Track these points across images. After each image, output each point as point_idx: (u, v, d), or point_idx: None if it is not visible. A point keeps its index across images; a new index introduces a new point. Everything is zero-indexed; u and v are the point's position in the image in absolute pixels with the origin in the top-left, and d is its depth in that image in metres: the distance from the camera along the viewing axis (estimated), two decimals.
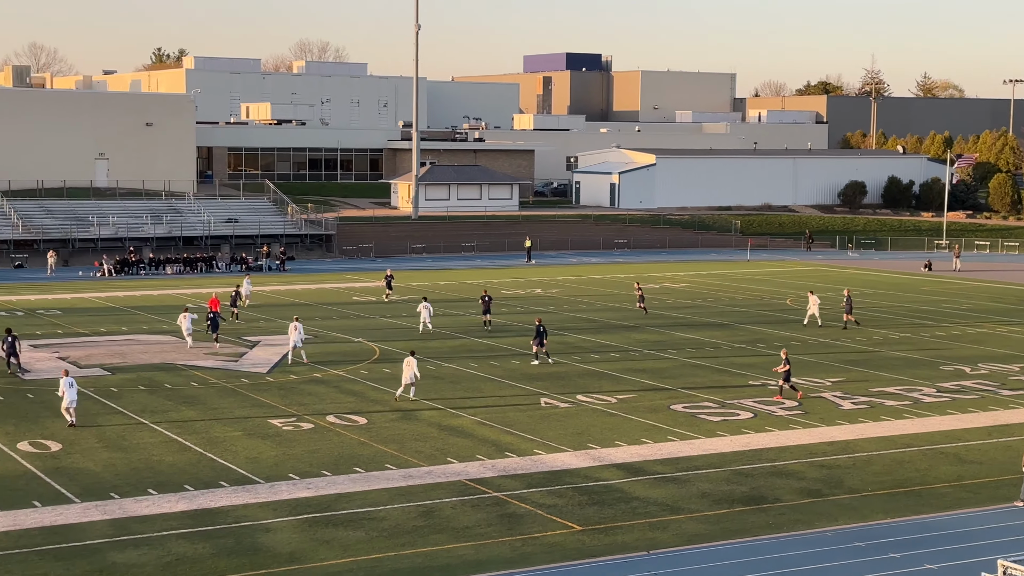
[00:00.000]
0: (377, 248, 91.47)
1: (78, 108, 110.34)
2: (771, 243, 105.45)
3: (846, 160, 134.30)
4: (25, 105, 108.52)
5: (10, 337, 42.99)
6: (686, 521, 27.27)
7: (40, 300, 63.34)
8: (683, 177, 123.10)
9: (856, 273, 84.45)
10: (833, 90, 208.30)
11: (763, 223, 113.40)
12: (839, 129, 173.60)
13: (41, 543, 25.02)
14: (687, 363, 47.13)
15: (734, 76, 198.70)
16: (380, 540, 25.65)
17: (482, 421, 36.61)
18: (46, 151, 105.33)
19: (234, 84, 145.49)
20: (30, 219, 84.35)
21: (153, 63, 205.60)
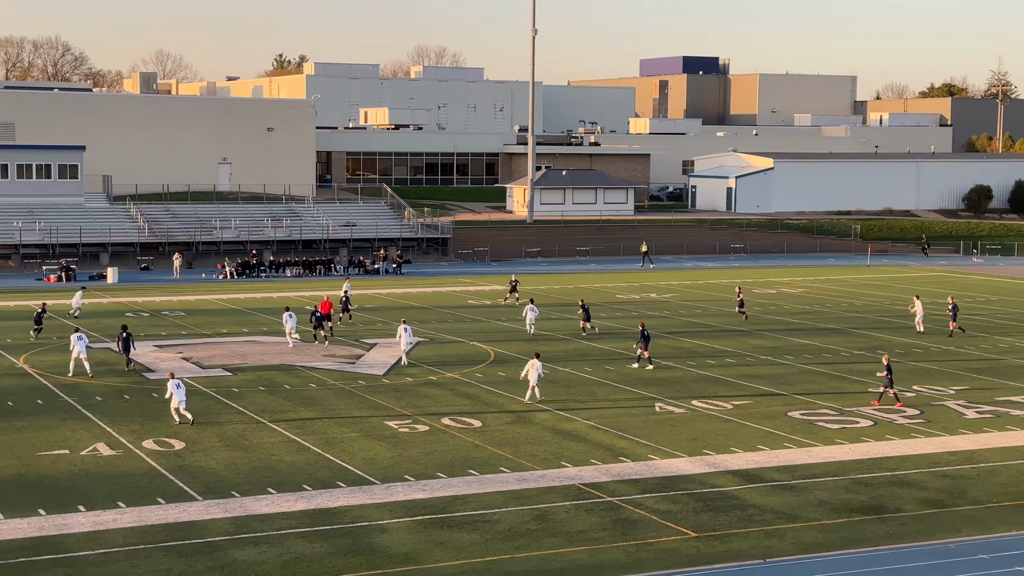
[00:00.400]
0: (492, 252, 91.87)
1: (202, 114, 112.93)
2: (892, 248, 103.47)
3: (971, 163, 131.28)
4: (152, 111, 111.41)
5: (124, 333, 44.40)
6: (803, 529, 26.89)
7: (165, 302, 64.89)
8: (802, 181, 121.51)
9: (981, 279, 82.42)
10: (958, 92, 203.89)
11: (884, 228, 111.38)
12: (964, 132, 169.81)
13: (165, 539, 25.61)
14: (804, 369, 46.48)
15: (855, 78, 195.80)
16: (494, 543, 25.75)
17: (596, 425, 36.54)
18: (171, 156, 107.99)
19: (353, 89, 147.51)
20: (156, 222, 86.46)
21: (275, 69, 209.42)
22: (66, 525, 26.34)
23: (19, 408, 37.92)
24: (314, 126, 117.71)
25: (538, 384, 39.85)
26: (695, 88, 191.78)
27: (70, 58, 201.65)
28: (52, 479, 29.96)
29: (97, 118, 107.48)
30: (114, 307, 62.49)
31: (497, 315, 60.76)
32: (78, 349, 42.90)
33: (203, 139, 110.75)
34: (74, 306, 58.08)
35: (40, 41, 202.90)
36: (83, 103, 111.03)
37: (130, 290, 69.60)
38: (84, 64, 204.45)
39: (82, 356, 42.92)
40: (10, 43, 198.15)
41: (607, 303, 66.07)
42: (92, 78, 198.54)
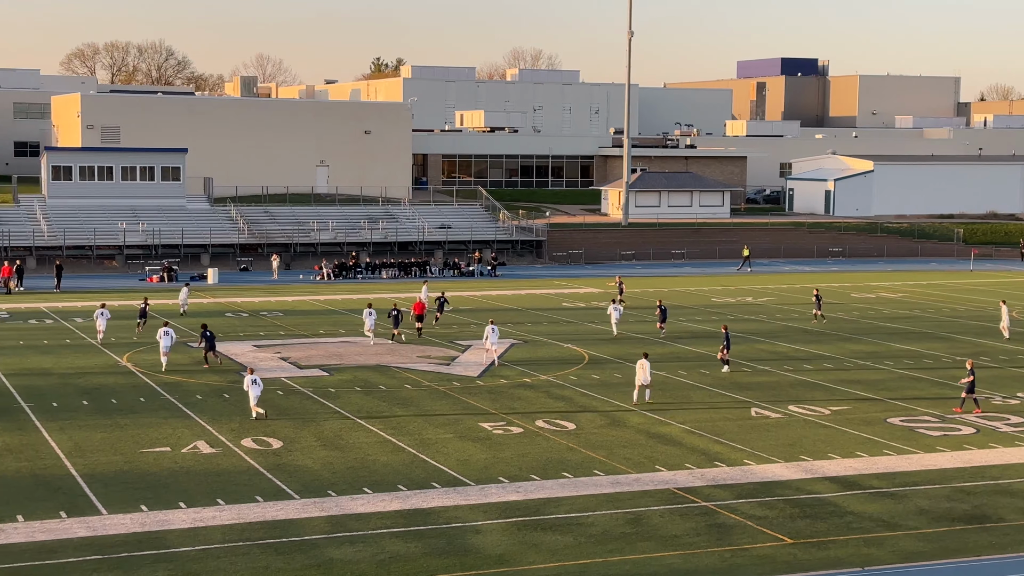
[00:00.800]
0: (587, 255, 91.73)
1: (301, 117, 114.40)
2: (996, 253, 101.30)
3: None
4: (252, 114, 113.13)
5: (208, 332, 45.79)
6: (903, 538, 26.44)
7: (263, 302, 65.81)
8: (902, 184, 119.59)
9: None
10: None
11: (988, 232, 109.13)
12: None
13: (263, 537, 25.96)
14: (904, 375, 45.71)
15: (958, 80, 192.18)
16: (588, 546, 25.70)
17: (691, 429, 36.30)
18: (271, 158, 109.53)
19: (449, 92, 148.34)
20: (255, 224, 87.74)
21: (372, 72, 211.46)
22: (167, 521, 26.84)
23: (122, 406, 38.73)
24: (410, 129, 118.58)
25: (647, 385, 39.77)
26: (793, 90, 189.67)
27: (173, 62, 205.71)
28: (154, 476, 30.56)
29: (199, 121, 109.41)
30: (214, 307, 63.53)
31: (591, 318, 60.63)
32: (163, 344, 44.69)
33: (302, 142, 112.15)
34: (181, 303, 59.46)
35: (144, 46, 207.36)
36: (185, 107, 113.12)
37: (229, 291, 70.73)
38: (187, 68, 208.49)
39: (162, 351, 44.63)
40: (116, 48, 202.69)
41: (702, 306, 65.60)
42: (194, 82, 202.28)
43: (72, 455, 32.36)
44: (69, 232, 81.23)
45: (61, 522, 26.65)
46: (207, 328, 46.43)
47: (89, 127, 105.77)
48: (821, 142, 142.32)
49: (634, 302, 66.94)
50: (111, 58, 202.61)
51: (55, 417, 36.84)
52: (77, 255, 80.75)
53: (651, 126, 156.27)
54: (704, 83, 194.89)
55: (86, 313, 59.97)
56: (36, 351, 48.95)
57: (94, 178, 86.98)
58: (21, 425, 35.80)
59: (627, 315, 58.01)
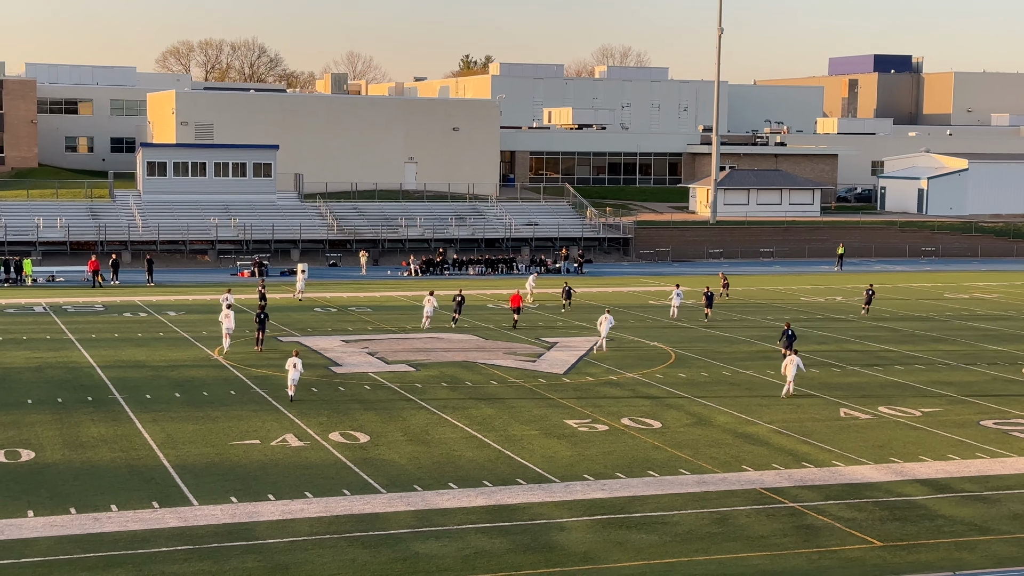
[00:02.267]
0: (674, 252, 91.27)
1: (390, 114, 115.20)
2: None
3: None
4: (342, 111, 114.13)
5: (262, 314, 48.74)
6: (995, 542, 25.96)
7: (351, 297, 66.41)
8: (998, 183, 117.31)
9: None
10: None
11: None
12: None
13: (350, 530, 26.21)
14: (998, 377, 44.84)
15: None
16: (673, 545, 25.58)
17: (778, 430, 35.96)
18: (360, 155, 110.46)
19: (537, 89, 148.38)
20: (344, 220, 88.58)
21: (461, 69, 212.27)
22: (256, 513, 27.22)
23: (213, 398, 39.34)
24: (498, 126, 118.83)
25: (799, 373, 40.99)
26: (886, 87, 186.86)
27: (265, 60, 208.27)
28: (243, 468, 31.00)
29: (290, 118, 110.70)
30: (306, 302, 64.20)
31: (678, 316, 60.26)
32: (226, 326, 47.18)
33: (390, 138, 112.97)
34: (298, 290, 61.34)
35: (238, 43, 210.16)
36: (277, 103, 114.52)
37: (319, 286, 71.44)
38: (279, 66, 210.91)
39: (226, 331, 47.12)
40: (210, 45, 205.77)
41: (790, 304, 64.91)
42: (286, 79, 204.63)
43: (164, 446, 32.96)
44: (163, 227, 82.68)
45: (153, 512, 27.16)
46: (264, 309, 49.61)
47: (183, 124, 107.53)
48: (914, 140, 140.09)
49: (720, 302, 66.46)
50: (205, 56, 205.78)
51: (148, 409, 37.54)
52: (170, 249, 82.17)
53: (740, 123, 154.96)
54: (795, 80, 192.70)
55: (179, 307, 61.03)
56: (130, 344, 49.91)
57: (188, 174, 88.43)
58: (115, 416, 36.53)
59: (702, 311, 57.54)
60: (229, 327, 47.20)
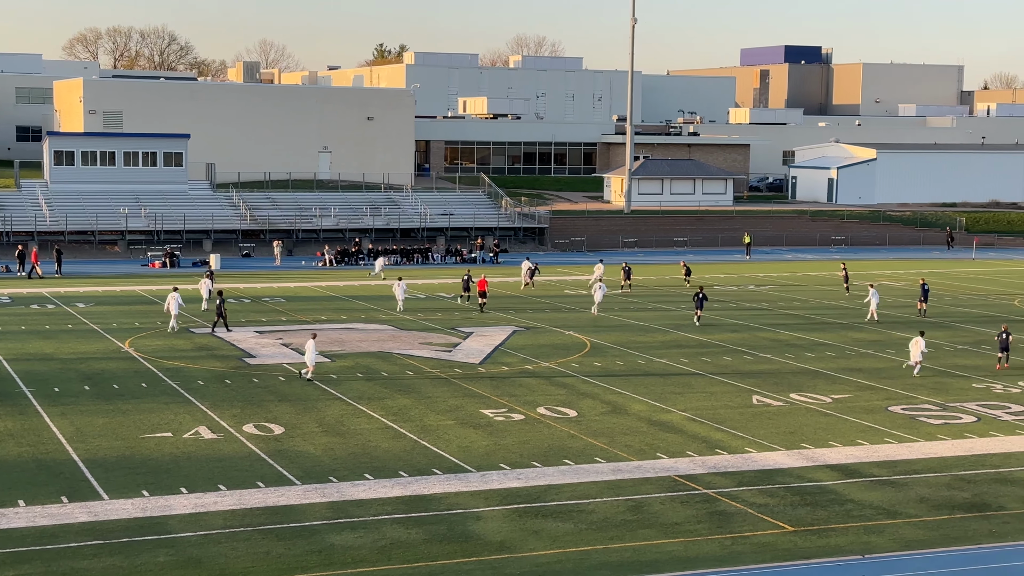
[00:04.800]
0: (589, 242, 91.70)
1: (304, 103, 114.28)
2: (998, 241, 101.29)
3: None
4: (255, 100, 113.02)
5: (220, 299, 50.19)
6: (903, 526, 26.46)
7: (265, 288, 65.82)
8: (905, 172, 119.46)
9: None
10: None
11: (990, 220, 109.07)
12: None
13: (264, 523, 25.99)
14: (906, 363, 45.66)
15: (961, 68, 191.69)
16: (589, 533, 25.72)
17: (692, 417, 36.31)
18: (273, 144, 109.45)
19: (452, 79, 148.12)
20: (257, 210, 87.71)
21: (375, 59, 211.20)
22: (168, 507, 26.88)
23: (124, 391, 38.76)
24: (413, 115, 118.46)
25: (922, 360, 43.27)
26: (797, 78, 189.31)
27: (176, 48, 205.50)
28: (155, 461, 30.59)
29: (201, 107, 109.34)
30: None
31: (592, 304, 60.54)
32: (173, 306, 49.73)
33: (304, 128, 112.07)
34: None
35: (147, 31, 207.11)
36: (188, 92, 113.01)
37: (232, 276, 70.68)
38: (189, 54, 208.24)
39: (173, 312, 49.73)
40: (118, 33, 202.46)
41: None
42: (197, 67, 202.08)
43: (74, 440, 32.40)
44: (71, 217, 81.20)
45: (62, 507, 26.69)
46: (222, 294, 51.05)
47: (91, 112, 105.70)
48: (824, 130, 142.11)
49: (639, 291, 66.92)
50: (113, 43, 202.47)
51: (57, 402, 36.87)
52: (79, 240, 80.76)
53: (654, 113, 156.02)
54: (707, 70, 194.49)
55: (88, 298, 60.03)
56: (38, 336, 48.98)
57: (96, 163, 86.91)
58: (23, 410, 35.84)
59: (627, 300, 57.99)
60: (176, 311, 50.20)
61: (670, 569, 23.68)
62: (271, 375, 41.60)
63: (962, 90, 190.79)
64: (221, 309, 49.97)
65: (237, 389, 39.27)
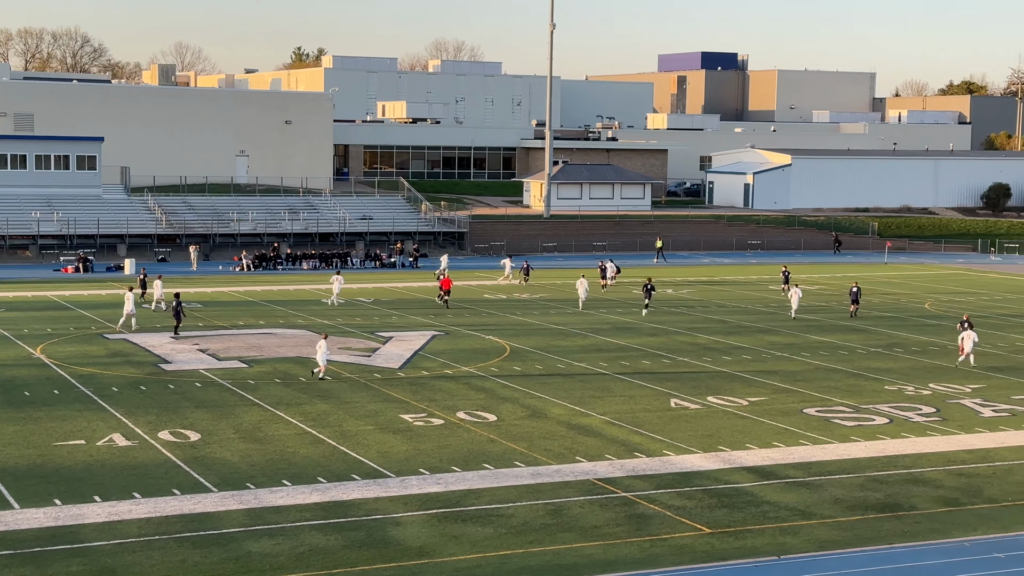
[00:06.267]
0: (509, 246, 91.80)
1: (221, 106, 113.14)
2: (910, 246, 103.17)
3: (989, 161, 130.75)
4: (170, 103, 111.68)
5: (176, 302, 50.99)
6: (818, 527, 26.83)
7: (182, 293, 64.86)
8: (819, 178, 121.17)
9: (998, 277, 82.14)
10: (977, 90, 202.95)
11: (902, 225, 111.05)
12: (983, 130, 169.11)
13: (180, 530, 25.66)
14: (821, 367, 46.36)
15: (874, 75, 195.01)
16: (508, 537, 25.75)
17: (611, 421, 36.51)
18: (189, 148, 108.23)
19: (371, 83, 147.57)
20: (173, 214, 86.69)
21: (293, 62, 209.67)
22: (81, 515, 26.44)
23: (35, 398, 38.07)
24: (332, 119, 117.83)
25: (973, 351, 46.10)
26: (713, 84, 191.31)
27: (89, 49, 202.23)
28: (68, 469, 30.07)
29: (116, 110, 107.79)
30: None
31: (513, 309, 60.77)
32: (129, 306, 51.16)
33: (221, 131, 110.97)
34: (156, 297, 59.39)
35: (59, 32, 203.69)
36: (102, 94, 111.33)
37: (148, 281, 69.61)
38: (103, 56, 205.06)
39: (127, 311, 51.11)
40: (30, 34, 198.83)
41: (623, 299, 65.96)
42: (111, 70, 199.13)
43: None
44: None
45: None
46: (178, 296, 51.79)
47: (2, 114, 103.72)
48: (740, 136, 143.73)
49: (556, 294, 67.19)
50: (25, 44, 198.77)
51: None
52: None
53: (573, 118, 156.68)
54: (626, 76, 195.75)
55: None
56: None
57: (7, 167, 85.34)
58: None
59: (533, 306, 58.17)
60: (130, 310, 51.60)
61: (589, 572, 23.77)
62: (188, 381, 41.12)
63: (874, 97, 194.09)
64: (178, 312, 50.36)
65: (152, 395, 38.75)
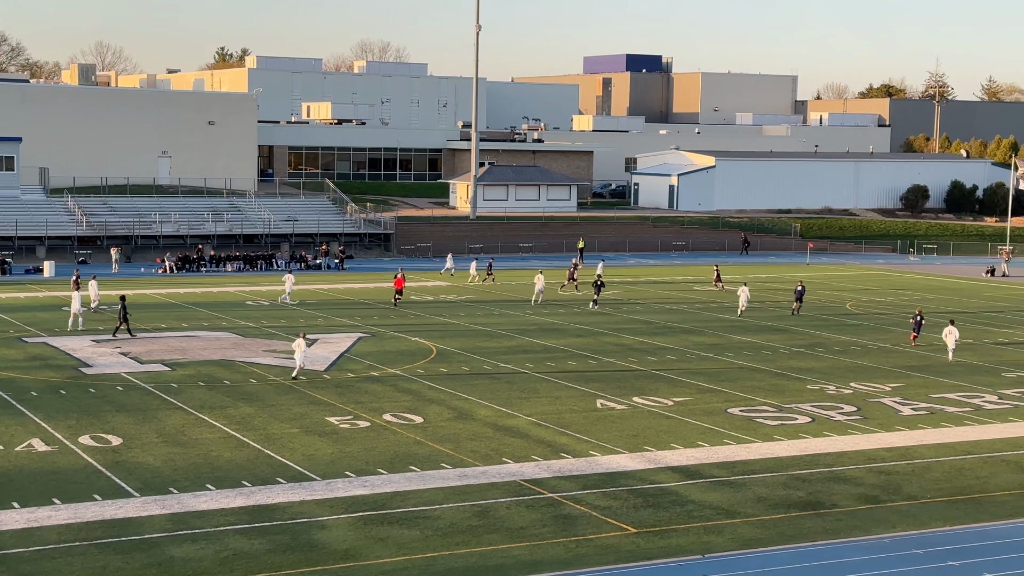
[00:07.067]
0: (435, 248, 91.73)
1: (142, 106, 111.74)
2: (831, 247, 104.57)
3: (908, 164, 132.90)
4: (90, 103, 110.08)
5: (122, 303, 50.33)
6: (742, 525, 27.10)
7: (103, 296, 63.97)
8: (743, 179, 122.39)
9: (917, 278, 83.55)
10: (896, 93, 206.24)
11: (823, 226, 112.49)
12: (902, 132, 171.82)
13: (101, 536, 25.32)
14: (745, 366, 46.83)
15: (795, 78, 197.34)
16: (435, 539, 25.71)
17: (538, 422, 36.59)
18: (110, 148, 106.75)
19: (295, 83, 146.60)
20: (94, 215, 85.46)
21: (216, 62, 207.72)
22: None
23: None
24: (256, 120, 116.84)
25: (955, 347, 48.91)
26: (638, 86, 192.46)
27: (6, 48, 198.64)
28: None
29: (34, 110, 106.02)
30: (50, 301, 61.71)
31: (439, 311, 60.70)
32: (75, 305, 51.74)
33: (143, 132, 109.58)
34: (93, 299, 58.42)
35: None
36: (20, 94, 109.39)
37: (67, 284, 68.59)
38: (21, 55, 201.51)
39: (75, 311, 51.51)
40: None
41: (549, 300, 66.13)
42: (29, 69, 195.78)
43: None
44: None
45: None
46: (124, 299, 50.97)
47: None
48: (665, 138, 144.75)
49: (482, 295, 67.21)
50: None
51: None
52: None
53: (499, 120, 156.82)
54: (551, 78, 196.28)
55: None
56: None
57: None
58: None
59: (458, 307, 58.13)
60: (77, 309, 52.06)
61: (516, 573, 23.81)
62: (109, 385, 40.56)
63: (796, 100, 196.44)
64: (123, 313, 49.93)
65: (73, 400, 38.17)
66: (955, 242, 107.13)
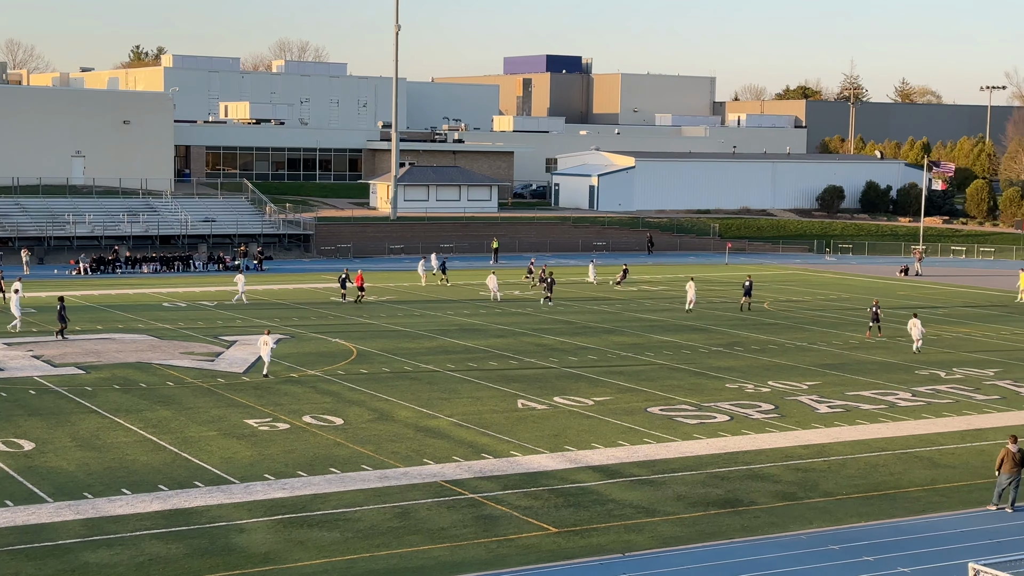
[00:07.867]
0: (355, 249, 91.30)
1: (55, 105, 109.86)
2: (749, 247, 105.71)
3: (824, 165, 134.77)
4: (1, 102, 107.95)
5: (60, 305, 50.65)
6: (661, 523, 27.28)
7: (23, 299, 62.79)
8: (662, 180, 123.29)
9: (833, 277, 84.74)
10: (812, 95, 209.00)
11: (741, 227, 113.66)
12: (818, 134, 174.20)
13: (13, 543, 24.83)
14: (664, 366, 47.17)
15: (714, 80, 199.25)
16: (355, 541, 25.56)
17: (459, 422, 36.54)
18: (22, 148, 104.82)
19: (213, 83, 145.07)
20: (5, 216, 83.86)
21: (131, 61, 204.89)
22: None
23: None
24: (172, 119, 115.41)
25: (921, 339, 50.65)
26: (558, 87, 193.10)
27: None
28: None
29: None
30: None
31: (359, 312, 60.40)
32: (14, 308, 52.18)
33: (56, 131, 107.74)
34: None
35: None
36: None
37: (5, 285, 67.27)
38: None
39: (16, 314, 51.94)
40: None
41: (470, 300, 66.12)
42: None
43: None
44: None
45: None
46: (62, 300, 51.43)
47: None
48: (585, 138, 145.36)
49: (404, 296, 67.01)
50: None
51: None
52: None
53: (419, 120, 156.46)
54: (472, 78, 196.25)
55: None
56: None
57: None
58: None
59: (378, 308, 57.83)
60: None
61: (436, 574, 23.75)
62: (21, 388, 39.80)
63: (714, 101, 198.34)
64: (63, 315, 50.05)
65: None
66: (870, 242, 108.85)
